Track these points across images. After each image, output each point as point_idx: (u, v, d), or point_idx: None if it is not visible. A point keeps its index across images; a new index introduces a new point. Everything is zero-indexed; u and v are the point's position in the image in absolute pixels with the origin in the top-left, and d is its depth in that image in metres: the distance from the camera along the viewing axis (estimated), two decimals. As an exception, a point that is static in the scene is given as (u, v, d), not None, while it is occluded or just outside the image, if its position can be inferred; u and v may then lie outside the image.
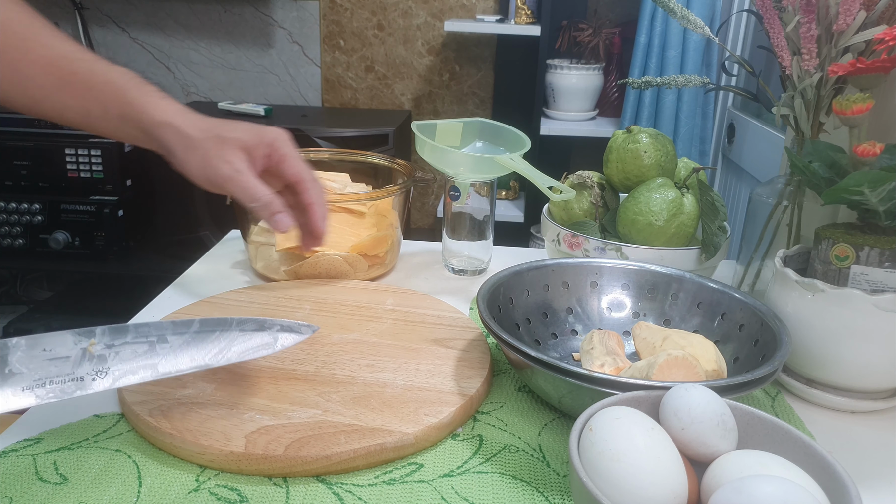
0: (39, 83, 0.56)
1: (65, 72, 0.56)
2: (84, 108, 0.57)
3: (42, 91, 0.57)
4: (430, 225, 2.58)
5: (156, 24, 2.38)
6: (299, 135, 1.94)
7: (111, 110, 0.57)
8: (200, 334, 0.50)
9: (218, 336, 0.50)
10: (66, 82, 0.56)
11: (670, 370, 0.54)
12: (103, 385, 0.46)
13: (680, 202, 0.77)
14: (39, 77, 0.56)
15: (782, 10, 0.66)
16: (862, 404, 0.62)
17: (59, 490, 0.48)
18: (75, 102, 0.57)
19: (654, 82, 0.79)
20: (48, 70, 0.56)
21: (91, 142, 1.96)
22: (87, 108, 0.57)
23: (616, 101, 2.23)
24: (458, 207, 0.87)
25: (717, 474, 0.40)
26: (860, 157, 0.58)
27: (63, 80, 0.56)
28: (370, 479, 0.51)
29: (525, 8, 2.06)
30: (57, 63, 0.56)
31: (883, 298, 0.56)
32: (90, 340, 0.46)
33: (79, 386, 0.45)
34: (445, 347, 0.67)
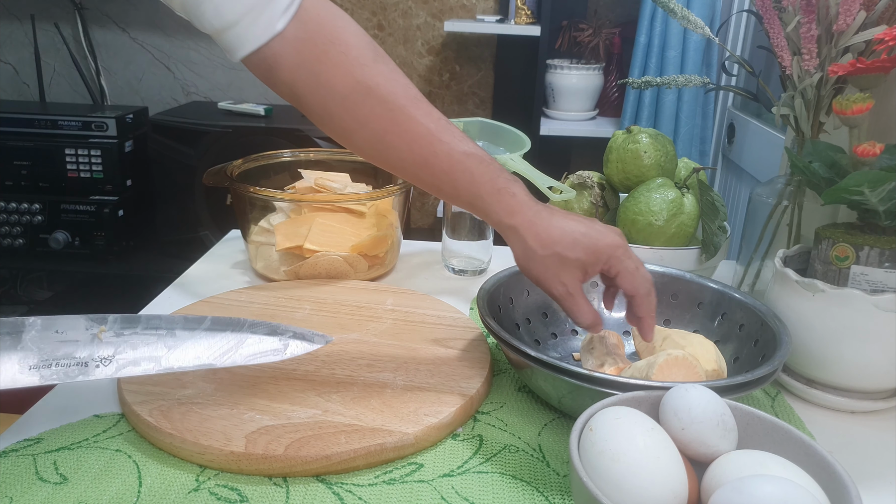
0: (400, 156, 0.58)
1: (427, 151, 0.58)
2: (436, 185, 0.59)
3: (401, 163, 0.59)
4: (430, 225, 2.58)
5: (156, 24, 2.38)
6: (299, 135, 1.94)
7: (462, 196, 0.59)
8: (210, 332, 0.49)
9: (228, 336, 0.50)
10: (425, 161, 0.58)
11: (670, 370, 0.54)
12: (106, 373, 0.46)
13: (680, 202, 0.77)
14: (402, 151, 0.58)
15: (782, 10, 0.66)
16: (862, 404, 0.62)
17: (59, 490, 0.48)
18: (430, 179, 0.59)
19: (654, 82, 0.79)
20: (412, 146, 0.58)
21: (91, 142, 1.96)
22: (439, 187, 0.59)
23: (616, 101, 2.23)
24: (458, 207, 0.87)
25: (717, 474, 0.40)
26: (860, 157, 0.58)
27: (423, 159, 0.58)
28: (370, 479, 0.51)
29: (525, 8, 2.06)
30: (420, 141, 0.58)
31: (883, 298, 0.56)
32: (101, 327, 0.46)
33: (82, 371, 0.46)
34: (445, 347, 0.67)
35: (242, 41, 0.55)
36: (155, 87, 2.45)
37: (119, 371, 0.46)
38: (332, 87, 0.56)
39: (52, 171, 1.97)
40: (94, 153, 1.97)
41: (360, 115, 0.57)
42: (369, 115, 0.57)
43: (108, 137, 1.98)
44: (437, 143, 0.58)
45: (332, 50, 0.56)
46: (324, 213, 0.83)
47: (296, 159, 0.95)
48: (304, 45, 0.56)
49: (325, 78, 0.56)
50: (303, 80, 0.57)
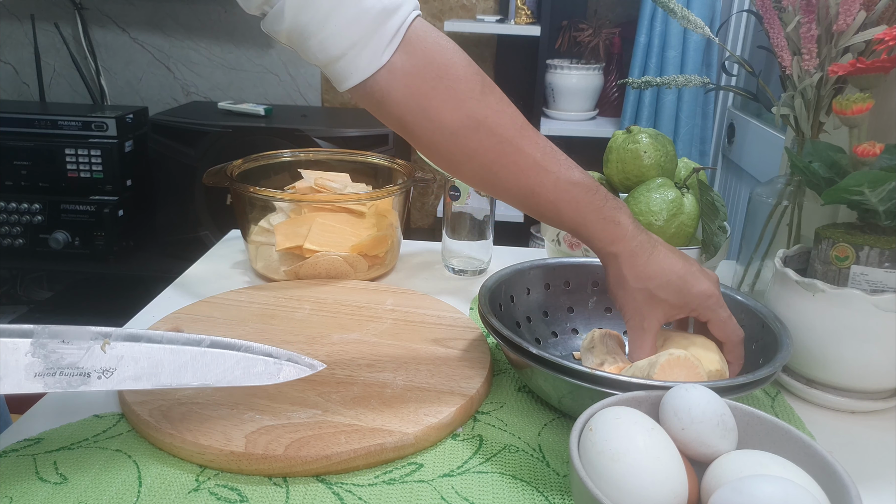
0: (507, 186, 0.59)
1: (533, 182, 0.58)
2: (541, 214, 0.60)
3: (507, 192, 0.60)
4: (430, 225, 2.58)
5: (156, 24, 2.38)
6: (299, 135, 1.94)
7: (566, 222, 0.60)
8: (209, 352, 0.50)
9: (225, 356, 0.51)
10: (532, 191, 0.59)
11: (672, 370, 0.54)
12: (106, 385, 0.47)
13: (680, 202, 0.77)
14: (510, 182, 0.59)
15: (782, 10, 0.66)
16: (862, 404, 0.62)
17: (59, 490, 0.48)
18: (536, 210, 0.60)
19: (654, 82, 0.79)
20: (518, 177, 0.58)
21: (91, 142, 1.97)
22: (544, 215, 0.60)
23: (616, 101, 2.23)
24: (458, 207, 0.87)
25: (717, 474, 0.40)
26: (860, 157, 0.58)
27: (530, 189, 0.58)
28: (370, 479, 0.51)
29: (525, 8, 2.06)
30: (528, 172, 0.58)
31: (883, 298, 0.56)
32: (105, 340, 0.48)
33: (84, 381, 0.47)
34: (445, 347, 0.67)
35: (348, 74, 0.54)
36: (155, 87, 2.45)
37: (119, 384, 0.48)
38: (441, 121, 0.56)
39: (52, 171, 1.97)
40: (94, 153, 1.97)
41: (468, 148, 0.57)
42: (477, 148, 0.57)
43: (108, 137, 1.98)
44: (544, 174, 0.58)
45: (440, 84, 0.56)
46: (324, 213, 0.83)
47: (296, 159, 0.95)
48: (412, 79, 0.55)
49: (434, 113, 0.56)
50: (412, 113, 0.57)
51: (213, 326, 0.69)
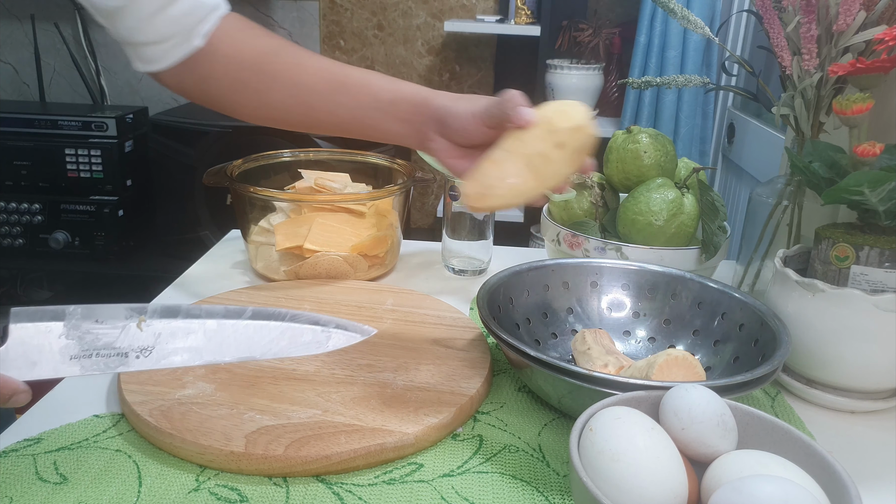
0: (316, 89, 0.64)
1: (338, 76, 0.64)
2: (357, 101, 0.64)
3: (318, 96, 0.64)
4: (430, 225, 2.58)
5: (156, 24, 2.38)
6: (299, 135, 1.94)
7: (383, 97, 0.63)
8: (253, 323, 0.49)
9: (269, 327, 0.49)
10: (340, 84, 0.64)
11: (670, 370, 0.54)
12: (146, 364, 0.45)
13: (680, 202, 0.77)
14: (317, 83, 0.64)
15: (782, 10, 0.66)
16: (862, 404, 0.62)
17: (59, 490, 0.48)
18: (348, 100, 0.64)
19: (654, 82, 0.79)
20: (324, 76, 0.64)
21: (91, 142, 1.96)
22: (360, 101, 0.64)
23: (616, 101, 2.23)
24: (458, 207, 0.87)
25: (717, 474, 0.40)
26: (860, 157, 0.58)
27: (338, 83, 0.64)
28: (370, 479, 0.51)
29: (525, 8, 2.06)
30: (330, 70, 0.64)
31: (883, 298, 0.56)
32: (141, 317, 0.46)
33: (122, 362, 0.45)
34: (445, 347, 0.67)
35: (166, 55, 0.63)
36: (155, 87, 2.45)
37: (159, 362, 0.46)
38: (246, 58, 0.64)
39: (52, 171, 1.97)
40: (94, 153, 1.96)
41: (272, 70, 0.64)
42: (280, 68, 0.64)
43: (108, 137, 1.98)
44: (346, 69, 0.65)
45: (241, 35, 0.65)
46: (324, 213, 0.83)
47: (296, 159, 0.95)
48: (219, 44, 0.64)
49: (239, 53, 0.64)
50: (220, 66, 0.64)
51: (213, 326, 0.69)
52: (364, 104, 0.64)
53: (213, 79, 0.65)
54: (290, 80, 0.65)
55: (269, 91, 0.65)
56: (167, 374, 0.60)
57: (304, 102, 0.65)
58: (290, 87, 0.65)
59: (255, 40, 0.65)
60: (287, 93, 0.65)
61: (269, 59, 0.65)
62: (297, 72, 0.64)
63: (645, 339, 0.70)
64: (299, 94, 0.65)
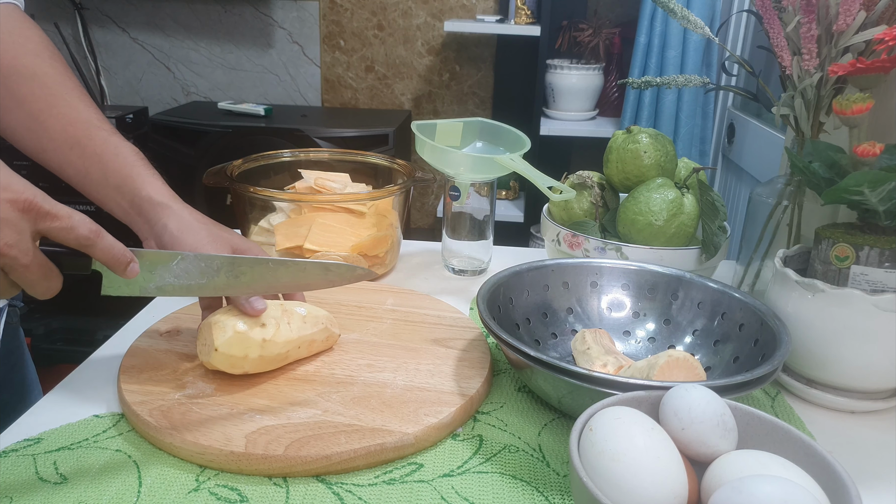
0: (52, 136, 0.61)
1: (81, 134, 0.61)
2: (85, 168, 0.62)
3: (52, 144, 0.62)
4: (430, 225, 2.58)
5: (156, 24, 2.38)
6: (299, 135, 1.94)
7: (111, 179, 0.62)
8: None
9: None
10: (78, 143, 0.61)
11: (671, 371, 0.54)
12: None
13: (680, 202, 0.77)
14: (55, 132, 0.61)
15: (782, 10, 0.66)
16: (862, 404, 0.62)
17: (59, 490, 0.48)
18: (79, 162, 0.62)
19: (654, 82, 0.79)
20: (66, 129, 0.61)
21: (91, 142, 1.96)
22: (88, 170, 0.62)
23: (616, 101, 2.23)
24: (458, 207, 0.87)
25: (717, 474, 0.40)
26: (860, 157, 0.58)
27: (76, 141, 0.61)
28: (370, 479, 0.51)
29: (525, 8, 2.06)
30: (76, 125, 0.61)
31: (883, 298, 0.56)
32: None
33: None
34: (445, 347, 0.67)
35: None
36: (155, 87, 2.45)
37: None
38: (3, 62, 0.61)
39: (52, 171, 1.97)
40: (94, 153, 1.96)
41: (19, 93, 0.61)
42: (28, 95, 0.61)
43: (108, 137, 1.97)
44: (94, 129, 0.62)
45: (7, 38, 0.61)
46: (324, 213, 0.83)
47: (296, 159, 0.95)
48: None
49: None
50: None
51: (213, 326, 0.69)
52: (91, 176, 0.62)
53: None
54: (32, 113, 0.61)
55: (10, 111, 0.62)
56: (167, 375, 0.60)
57: (38, 143, 0.62)
58: (28, 121, 0.62)
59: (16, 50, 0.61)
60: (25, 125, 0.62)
61: (20, 81, 0.61)
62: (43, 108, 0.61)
63: (645, 340, 0.70)
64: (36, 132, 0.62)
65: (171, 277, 0.55)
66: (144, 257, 0.54)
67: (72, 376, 0.63)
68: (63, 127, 0.61)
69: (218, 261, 0.56)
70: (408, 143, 2.20)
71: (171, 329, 0.68)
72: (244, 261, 0.57)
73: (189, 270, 0.55)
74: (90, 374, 0.64)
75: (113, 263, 0.50)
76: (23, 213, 0.44)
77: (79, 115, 0.62)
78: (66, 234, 0.47)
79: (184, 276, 0.55)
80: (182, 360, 0.63)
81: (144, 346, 0.65)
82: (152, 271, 0.54)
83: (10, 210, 0.44)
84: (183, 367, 0.62)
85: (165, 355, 0.63)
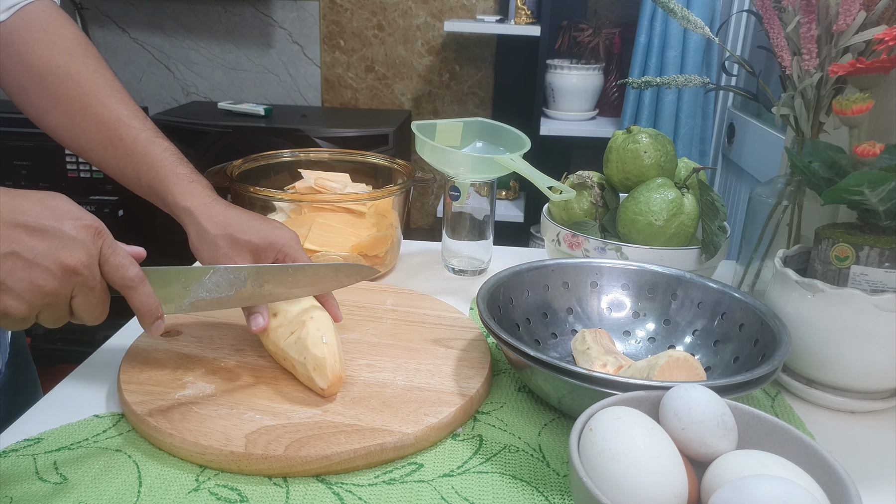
0: (89, 137, 0.63)
1: (113, 135, 0.62)
2: (121, 169, 0.63)
3: (89, 144, 0.63)
4: (430, 225, 2.58)
5: (156, 24, 2.38)
6: (299, 135, 1.94)
7: (143, 179, 0.63)
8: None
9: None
10: (111, 143, 0.62)
11: (671, 372, 0.54)
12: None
13: (680, 202, 0.77)
14: (90, 132, 0.63)
15: (782, 10, 0.66)
16: (862, 404, 0.62)
17: (59, 490, 0.48)
18: (115, 163, 0.63)
19: (654, 82, 0.79)
20: (99, 129, 0.63)
21: (91, 142, 1.96)
22: (124, 171, 0.63)
23: (616, 101, 2.23)
24: (458, 207, 0.87)
25: (717, 474, 0.40)
26: (860, 157, 0.58)
27: (109, 141, 0.62)
28: (370, 479, 0.51)
29: (525, 8, 2.06)
30: (108, 124, 0.62)
31: (883, 298, 0.56)
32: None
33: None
34: (445, 347, 0.67)
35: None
36: (155, 87, 2.45)
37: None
38: (33, 66, 0.62)
39: (52, 171, 1.97)
40: (94, 153, 1.96)
41: (54, 94, 0.62)
42: (63, 95, 0.62)
43: (108, 137, 1.97)
44: (124, 128, 0.62)
45: (42, 37, 0.62)
46: (324, 213, 0.83)
47: (296, 159, 0.95)
48: (18, 31, 0.62)
49: (29, 58, 0.62)
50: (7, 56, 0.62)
51: (212, 326, 0.69)
52: (127, 176, 0.63)
53: (2, 71, 0.63)
54: (68, 114, 0.63)
55: (49, 112, 0.63)
56: (167, 375, 0.60)
57: (77, 143, 0.64)
58: (65, 122, 0.63)
59: (50, 49, 0.62)
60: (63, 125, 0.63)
61: (55, 81, 0.62)
62: (77, 109, 0.62)
63: (645, 340, 0.70)
64: (73, 132, 0.63)
65: (203, 292, 0.56)
66: (180, 275, 0.55)
67: (72, 376, 0.63)
68: (97, 128, 0.62)
69: (245, 271, 0.57)
70: (408, 143, 2.20)
71: (171, 329, 0.68)
72: (267, 269, 0.58)
73: (220, 283, 0.56)
74: (90, 374, 0.64)
75: (145, 313, 0.51)
76: (94, 238, 0.47)
77: (111, 113, 0.63)
78: (117, 270, 0.48)
79: (215, 289, 0.56)
80: (182, 360, 0.63)
81: (144, 346, 0.65)
82: (187, 287, 0.55)
83: (86, 234, 0.47)
84: (183, 367, 0.62)
85: (165, 355, 0.63)
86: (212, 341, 0.66)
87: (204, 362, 0.62)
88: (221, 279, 0.57)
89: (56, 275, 0.45)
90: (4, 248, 0.43)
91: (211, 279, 0.56)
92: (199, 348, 0.65)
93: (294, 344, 0.59)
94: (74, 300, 0.47)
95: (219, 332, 0.68)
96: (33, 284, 0.44)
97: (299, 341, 0.58)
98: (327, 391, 0.56)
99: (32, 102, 0.64)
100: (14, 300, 0.44)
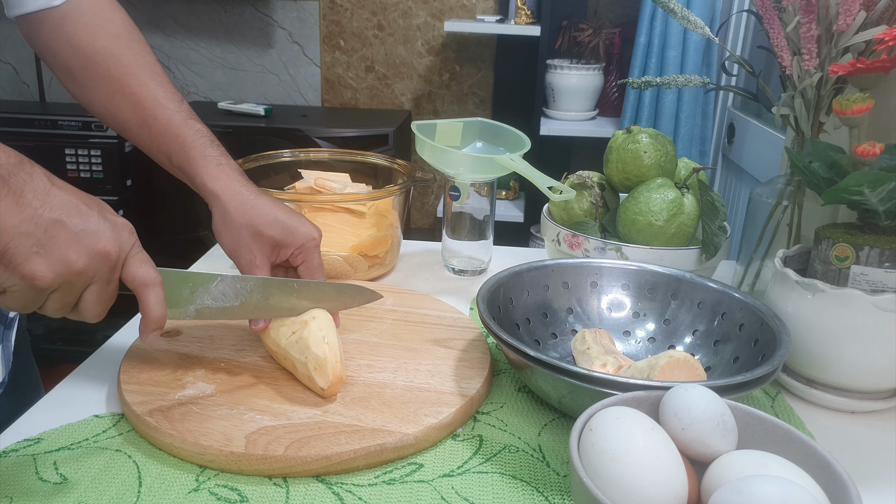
0: (126, 116, 0.65)
1: (148, 114, 0.64)
2: (155, 148, 0.65)
3: (126, 123, 0.65)
4: (430, 225, 2.58)
5: (156, 24, 2.38)
6: (299, 135, 1.94)
7: (174, 160, 0.65)
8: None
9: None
10: (146, 123, 0.64)
11: (672, 372, 0.54)
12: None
13: (680, 202, 0.77)
14: (127, 111, 0.65)
15: (782, 10, 0.66)
16: (862, 404, 0.62)
17: (59, 490, 0.48)
18: (149, 142, 0.65)
19: (654, 82, 0.79)
20: (136, 109, 0.65)
21: (91, 142, 1.96)
22: (157, 150, 0.65)
23: (616, 101, 2.23)
24: (458, 207, 0.87)
25: (717, 474, 0.40)
26: (860, 157, 0.58)
27: (143, 121, 0.64)
28: (370, 479, 0.51)
29: (525, 8, 2.06)
30: (144, 104, 0.64)
31: (883, 298, 0.56)
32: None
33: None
34: (445, 347, 0.67)
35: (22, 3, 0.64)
36: (155, 87, 2.44)
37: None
38: (80, 47, 0.64)
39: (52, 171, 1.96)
40: (94, 153, 1.97)
41: (97, 74, 0.65)
42: (105, 75, 0.64)
43: (108, 137, 1.98)
44: (158, 109, 0.64)
45: (91, 21, 0.65)
46: (324, 213, 0.83)
47: (296, 159, 0.95)
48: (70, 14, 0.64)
49: (77, 40, 0.64)
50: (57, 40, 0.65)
51: (212, 326, 0.69)
52: (161, 156, 0.65)
53: (49, 52, 0.65)
54: (108, 93, 0.65)
55: (92, 92, 0.65)
56: (167, 375, 0.60)
57: (116, 122, 0.66)
58: (105, 101, 0.65)
59: (97, 32, 0.65)
60: (103, 104, 0.65)
61: (98, 62, 0.64)
62: (116, 89, 0.65)
63: (645, 340, 0.70)
64: (112, 111, 0.65)
65: (209, 300, 0.57)
66: (188, 279, 0.55)
67: (72, 376, 0.63)
68: (133, 107, 0.64)
69: (252, 282, 0.58)
70: (408, 143, 2.20)
71: (171, 329, 0.68)
72: (273, 282, 0.59)
73: (226, 292, 0.57)
74: (90, 374, 0.64)
75: (151, 318, 0.52)
76: (129, 235, 0.50)
77: (148, 93, 0.64)
78: (141, 266, 0.50)
79: (221, 298, 0.57)
80: (182, 360, 0.63)
81: (144, 347, 0.65)
82: (193, 292, 0.56)
83: (123, 228, 0.49)
84: (183, 367, 0.62)
85: (165, 355, 0.63)
86: (212, 341, 0.66)
87: (204, 362, 0.63)
88: (228, 288, 0.57)
89: (90, 255, 0.46)
90: (56, 214, 0.46)
91: (218, 287, 0.56)
92: (199, 348, 0.65)
93: (296, 343, 0.58)
94: (88, 289, 0.48)
95: (219, 332, 0.68)
96: (67, 258, 0.45)
97: (301, 340, 0.58)
98: (327, 391, 0.56)
99: (77, 82, 0.66)
100: (44, 266, 0.45)
